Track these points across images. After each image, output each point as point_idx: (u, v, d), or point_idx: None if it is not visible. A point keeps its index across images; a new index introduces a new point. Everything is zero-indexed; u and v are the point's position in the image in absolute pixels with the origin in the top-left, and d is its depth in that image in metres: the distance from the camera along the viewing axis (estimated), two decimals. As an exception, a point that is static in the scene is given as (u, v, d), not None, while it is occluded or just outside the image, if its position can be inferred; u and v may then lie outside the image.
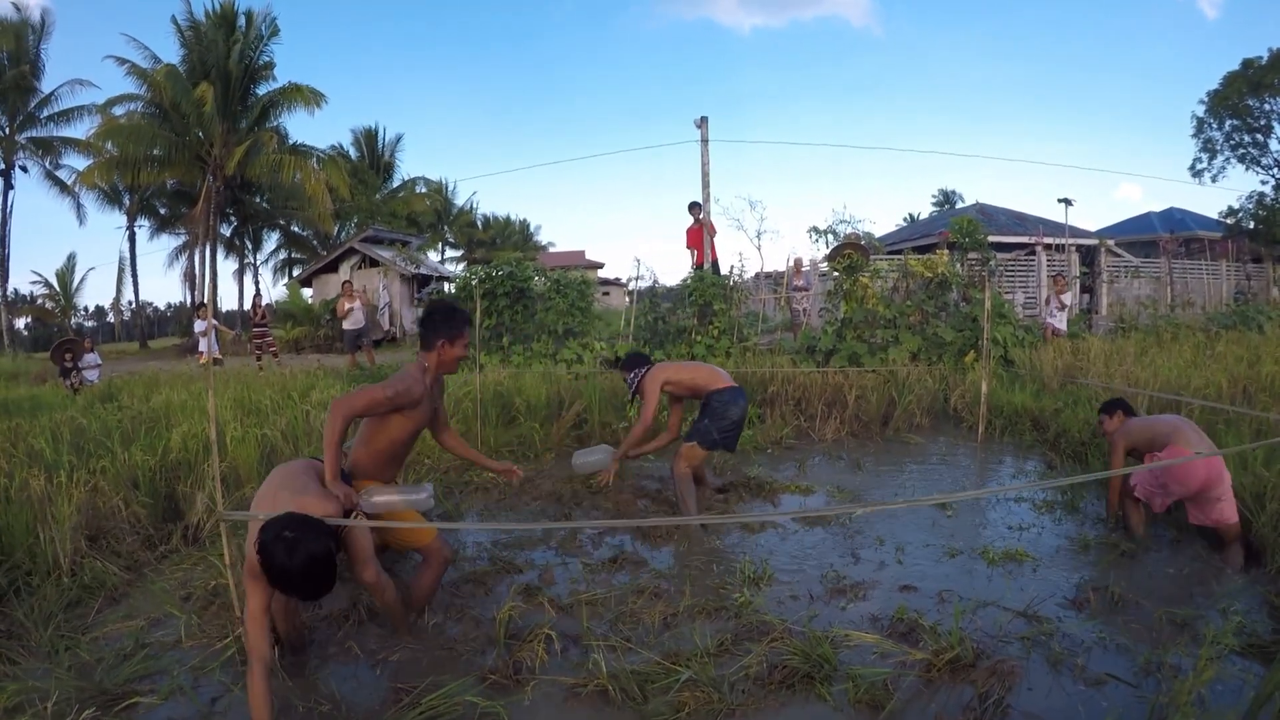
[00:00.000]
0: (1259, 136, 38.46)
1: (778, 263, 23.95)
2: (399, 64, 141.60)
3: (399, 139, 51.42)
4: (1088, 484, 7.20)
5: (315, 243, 44.48)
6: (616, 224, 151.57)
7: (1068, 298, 16.56)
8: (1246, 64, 37.50)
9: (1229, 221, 38.30)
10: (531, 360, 13.80)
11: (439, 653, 4.54)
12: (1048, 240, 25.38)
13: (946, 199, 74.55)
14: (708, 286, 14.37)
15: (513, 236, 69.41)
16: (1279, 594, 4.99)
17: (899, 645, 4.41)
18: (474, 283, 15.51)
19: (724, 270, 15.89)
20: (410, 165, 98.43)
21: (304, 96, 33.87)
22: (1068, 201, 27.40)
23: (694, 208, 16.29)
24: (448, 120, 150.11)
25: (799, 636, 4.44)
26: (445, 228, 61.28)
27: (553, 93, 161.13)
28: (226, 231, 40.51)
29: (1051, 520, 6.80)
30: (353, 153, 49.32)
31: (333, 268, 32.73)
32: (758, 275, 23.94)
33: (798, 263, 21.34)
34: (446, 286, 16.13)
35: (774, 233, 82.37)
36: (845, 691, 3.96)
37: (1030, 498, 7.32)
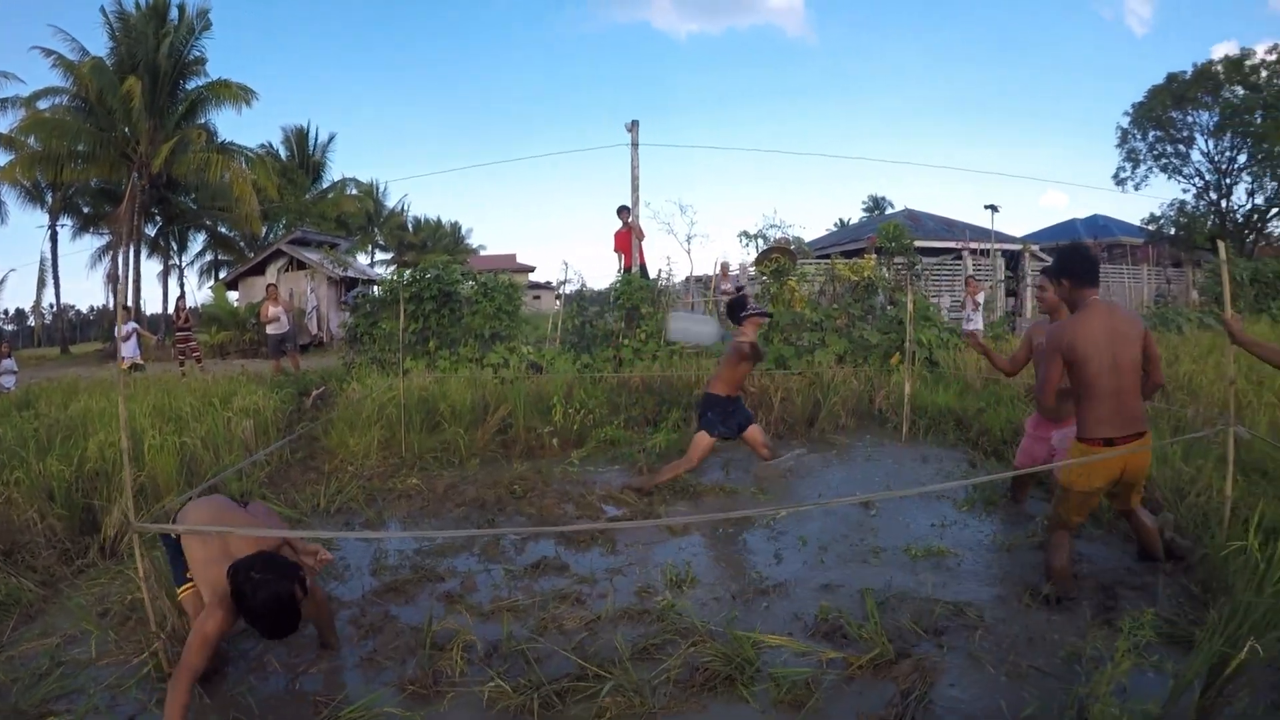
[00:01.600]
0: (1181, 147, 39.76)
1: (708, 266, 24.00)
2: (331, 62, 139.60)
3: (330, 139, 50.22)
4: (1009, 481, 7.28)
5: (243, 244, 43.50)
6: (549, 227, 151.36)
7: (980, 298, 16.82)
8: (1171, 78, 38.91)
9: (1151, 228, 39.36)
10: (458, 365, 13.67)
11: (359, 664, 4.48)
12: (974, 245, 25.74)
13: (877, 205, 75.29)
14: (635, 290, 14.36)
15: (444, 239, 68.89)
16: (1199, 584, 5.09)
17: (821, 644, 4.45)
18: (399, 286, 15.32)
19: (652, 274, 15.89)
20: (341, 166, 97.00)
21: (233, 93, 33.14)
22: (994, 208, 27.95)
23: (622, 211, 16.28)
24: (380, 120, 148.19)
25: (721, 638, 4.44)
26: (375, 230, 60.60)
27: (488, 94, 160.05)
28: (151, 232, 39.32)
29: (974, 517, 6.90)
30: (282, 152, 48.23)
31: (260, 270, 31.90)
32: (688, 279, 24.00)
33: (724, 266, 21.43)
34: (374, 290, 15.88)
35: (704, 237, 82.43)
36: (768, 692, 3.97)
37: (953, 495, 7.42)
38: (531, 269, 70.25)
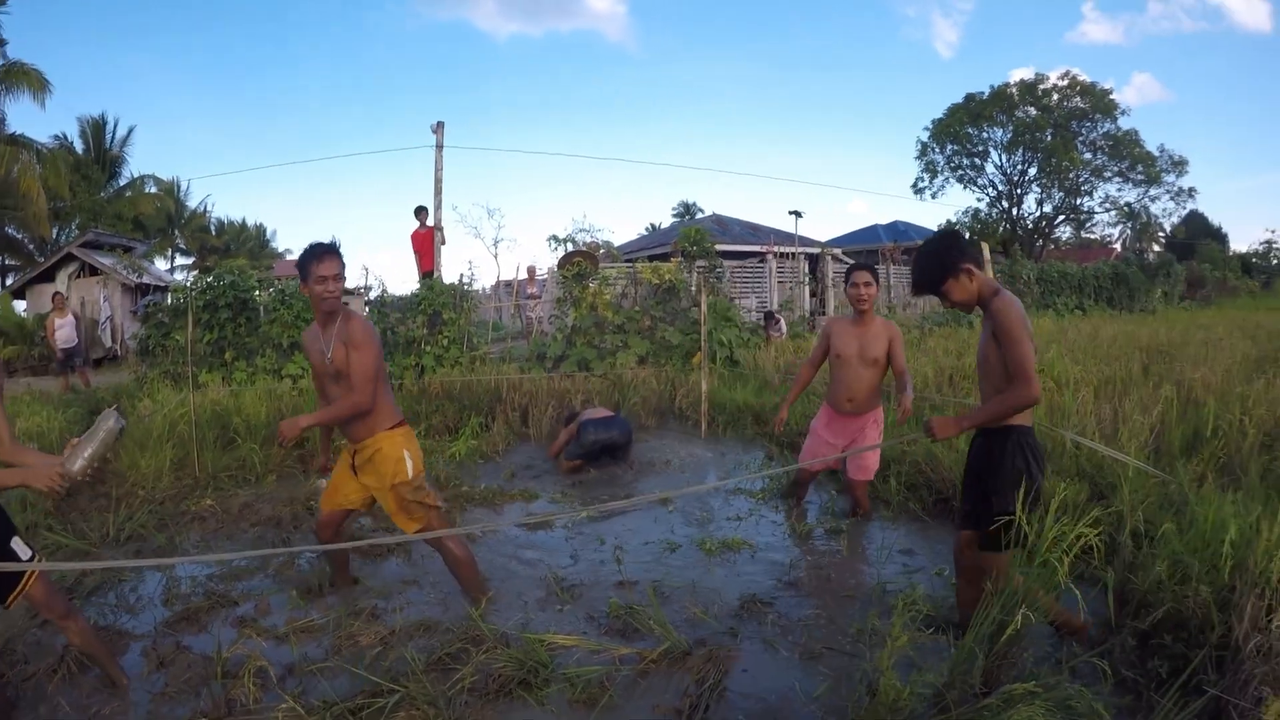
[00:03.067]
0: (976, 160, 43.12)
1: (518, 271, 23.76)
2: (133, 48, 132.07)
3: (130, 132, 45.53)
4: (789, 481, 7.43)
5: (31, 247, 40.39)
6: (359, 231, 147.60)
7: (781, 327, 17.31)
8: (969, 97, 42.61)
9: None
10: (255, 376, 13.05)
11: (152, 699, 4.15)
12: (778, 249, 26.18)
13: (687, 210, 76.42)
14: (437, 295, 14.04)
15: (248, 243, 66.05)
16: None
17: (615, 642, 4.43)
18: (193, 293, 14.49)
19: (452, 279, 15.60)
20: (141, 162, 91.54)
21: (30, 80, 30.33)
22: (798, 213, 28.76)
23: (420, 212, 16.00)
24: (185, 114, 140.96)
25: (514, 643, 4.35)
26: (176, 232, 57.42)
27: (301, 91, 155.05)
28: None
29: (769, 508, 7.01)
30: (78, 145, 44.22)
31: (49, 276, 29.52)
32: (497, 283, 23.76)
33: (531, 270, 21.28)
34: (168, 298, 14.94)
35: (512, 241, 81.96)
36: (562, 693, 3.93)
37: (748, 488, 7.54)
38: (340, 274, 68.35)
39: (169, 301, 15.56)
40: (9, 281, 37.12)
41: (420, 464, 4.98)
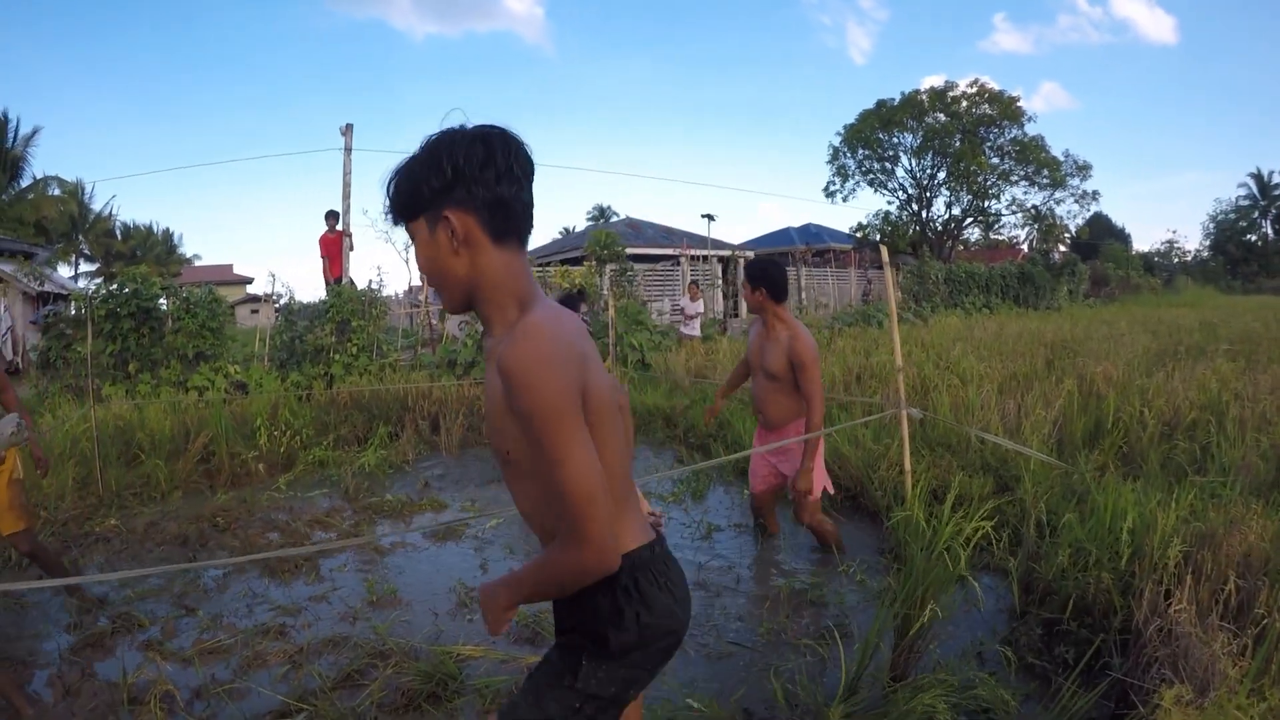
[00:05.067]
0: (887, 164, 44.23)
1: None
2: (37, 45, 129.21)
3: (35, 132, 43.42)
4: (711, 473, 7.37)
5: None
6: (268, 236, 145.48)
7: (699, 305, 17.18)
8: (880, 103, 43.83)
9: (859, 235, 42.22)
10: (160, 388, 12.68)
11: None
12: (692, 252, 26.32)
13: (602, 213, 76.78)
14: (345, 302, 13.82)
15: (155, 248, 64.26)
16: (889, 552, 5.47)
17: (523, 650, 4.44)
18: (95, 302, 14.03)
19: (362, 284, 15.39)
20: (44, 163, 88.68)
21: None
22: (710, 217, 28.91)
23: (330, 216, 15.76)
24: (86, 112, 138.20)
25: (423, 656, 4.31)
26: (80, 237, 55.59)
27: (211, 91, 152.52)
28: None
29: (680, 510, 7.00)
30: None
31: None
32: (409, 289, 23.49)
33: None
34: (70, 307, 14.43)
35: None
36: (472, 704, 3.89)
37: (659, 490, 7.51)
38: (249, 280, 66.84)
39: (71, 311, 15.09)
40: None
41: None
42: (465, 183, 1.82)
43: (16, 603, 5.52)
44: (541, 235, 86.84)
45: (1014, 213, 43.73)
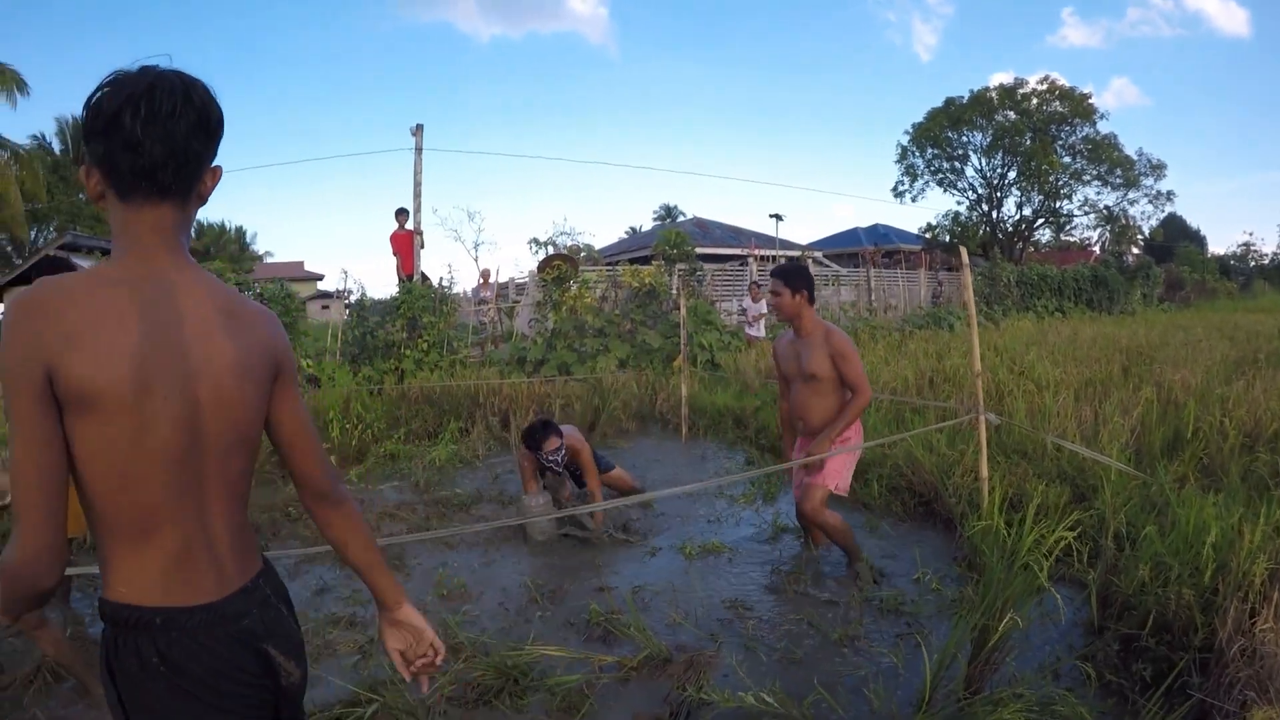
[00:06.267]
0: (956, 164, 43.42)
1: (500, 274, 23.55)
2: (111, 48, 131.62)
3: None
4: (783, 474, 7.33)
5: (11, 249, 39.81)
6: (338, 233, 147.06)
7: (761, 306, 17.08)
8: (949, 102, 42.72)
9: (927, 236, 41.70)
10: (235, 382, 12.89)
11: None
12: (760, 252, 26.21)
13: (668, 213, 76.48)
14: (417, 299, 13.95)
15: (229, 246, 65.36)
16: (963, 561, 5.37)
17: (595, 648, 4.40)
18: None
19: (433, 282, 15.53)
20: None
21: (5, 79, 29.51)
22: (778, 217, 28.78)
23: (401, 214, 15.94)
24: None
25: (494, 652, 4.29)
26: (157, 234, 57.09)
27: (281, 92, 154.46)
28: None
29: (750, 511, 6.96)
30: (56, 145, 43.21)
31: (26, 280, 29.01)
32: (475, 287, 23.66)
33: (485, 274, 21.20)
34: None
35: (492, 244, 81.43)
36: (542, 702, 3.88)
37: (730, 492, 7.48)
38: (320, 277, 67.45)
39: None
40: (-9, 288, 36.62)
41: None
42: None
43: (92, 583, 5.64)
44: (608, 235, 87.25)
45: (1086, 213, 42.95)
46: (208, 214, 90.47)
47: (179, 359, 1.58)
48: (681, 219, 58.44)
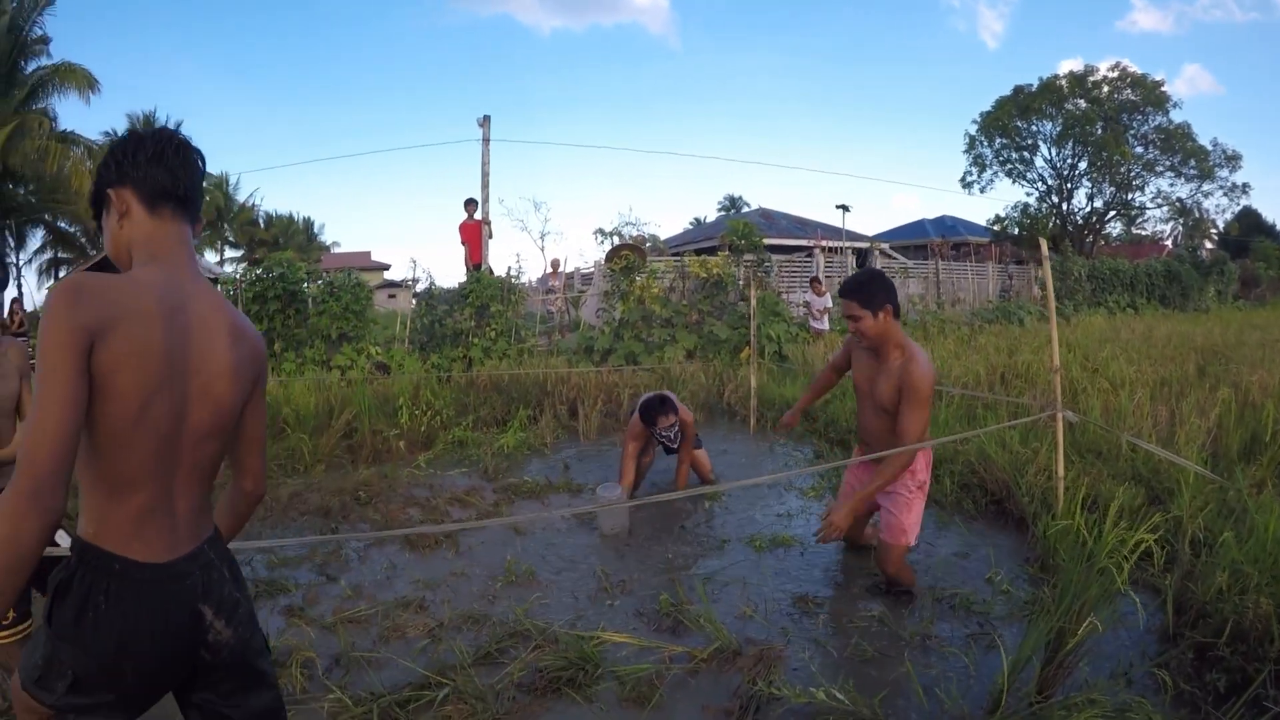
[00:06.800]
0: (1025, 154, 42.53)
1: (566, 264, 23.75)
2: (181, 44, 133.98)
3: (179, 127, 47.01)
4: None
5: (85, 240, 40.92)
6: (403, 224, 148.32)
7: (826, 300, 17.01)
8: (1018, 90, 41.81)
9: (996, 228, 41.14)
10: (304, 367, 13.16)
11: None
12: (825, 243, 26.07)
13: (733, 203, 76.32)
14: (485, 287, 14.09)
15: (296, 236, 66.82)
16: (1036, 562, 5.31)
17: (665, 639, 4.41)
18: (244, 285, 14.59)
19: (499, 271, 15.69)
20: None
21: (78, 78, 30.82)
22: (845, 207, 28.58)
23: (469, 204, 16.15)
24: (232, 109, 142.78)
25: (563, 639, 4.35)
26: (225, 225, 58.27)
27: (345, 86, 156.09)
28: None
29: (820, 505, 6.90)
30: None
31: (101, 268, 30.02)
32: (543, 276, 23.79)
33: (555, 263, 21.33)
34: (217, 289, 15.17)
35: (558, 234, 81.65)
36: (612, 691, 3.90)
37: (799, 485, 7.48)
38: (386, 267, 68.41)
39: (220, 292, 15.73)
40: (62, 273, 37.54)
41: None
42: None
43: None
44: (673, 225, 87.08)
45: (1159, 206, 41.91)
46: (277, 205, 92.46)
47: (186, 357, 1.94)
48: (746, 209, 58.24)
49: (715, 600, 4.94)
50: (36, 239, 40.32)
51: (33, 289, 43.63)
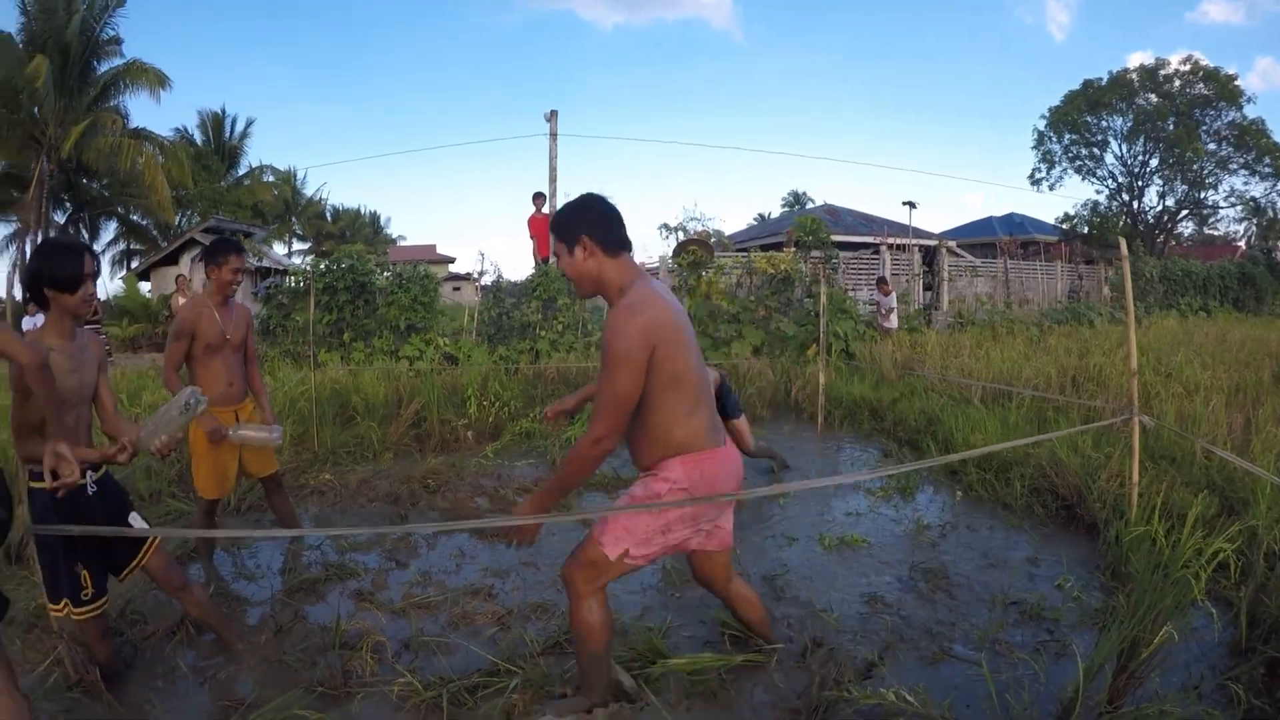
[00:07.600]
0: (1095, 150, 41.51)
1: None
2: (250, 43, 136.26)
3: (248, 125, 46.75)
4: (922, 470, 7.29)
5: (155, 233, 41.85)
6: (469, 218, 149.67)
7: (892, 300, 16.93)
8: (1087, 84, 40.79)
9: (1065, 226, 40.52)
10: (373, 357, 13.38)
11: (269, 665, 4.27)
12: (892, 240, 25.84)
13: (797, 199, 75.89)
14: (553, 281, 14.20)
15: (363, 229, 67.66)
16: (1107, 569, 5.23)
17: (731, 634, 4.39)
18: (312, 276, 14.83)
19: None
20: (259, 152, 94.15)
21: (149, 77, 31.54)
22: (911, 204, 28.23)
23: (538, 197, 16.29)
24: (300, 106, 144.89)
25: (631, 631, 4.38)
26: (293, 219, 59.12)
27: (410, 82, 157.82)
28: (60, 219, 37.63)
29: (888, 506, 6.92)
30: (198, 137, 45.52)
31: (173, 260, 30.34)
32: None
33: None
34: (287, 280, 15.37)
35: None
36: (679, 684, 3.91)
37: (868, 485, 7.44)
38: (451, 260, 68.86)
39: (288, 284, 16.00)
40: (135, 264, 38.44)
41: None
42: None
43: (235, 543, 5.94)
44: (738, 221, 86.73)
45: (1232, 205, 40.90)
46: (344, 199, 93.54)
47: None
48: (810, 205, 57.89)
49: (783, 598, 4.96)
50: (110, 231, 41.67)
51: (105, 278, 44.68)
